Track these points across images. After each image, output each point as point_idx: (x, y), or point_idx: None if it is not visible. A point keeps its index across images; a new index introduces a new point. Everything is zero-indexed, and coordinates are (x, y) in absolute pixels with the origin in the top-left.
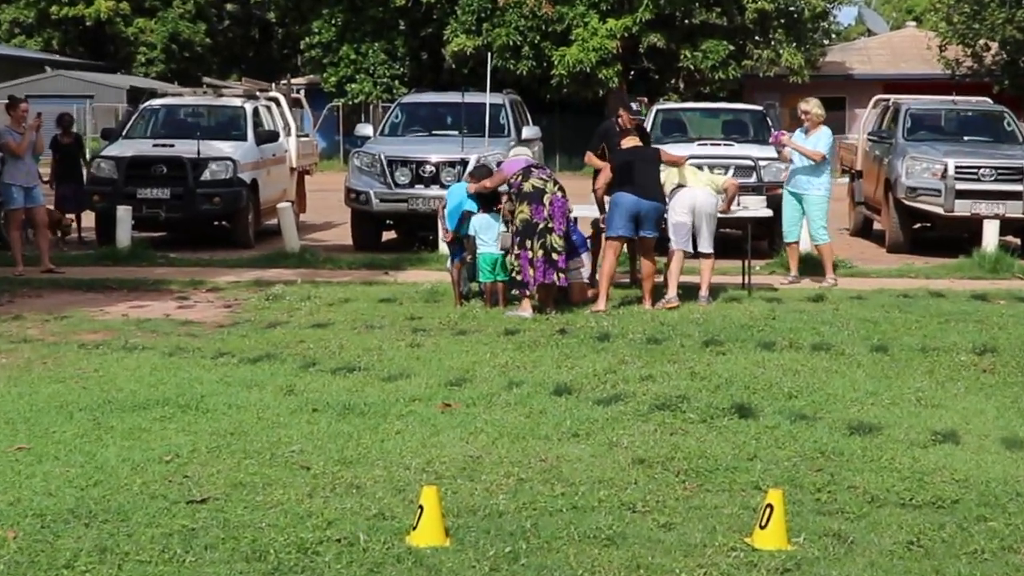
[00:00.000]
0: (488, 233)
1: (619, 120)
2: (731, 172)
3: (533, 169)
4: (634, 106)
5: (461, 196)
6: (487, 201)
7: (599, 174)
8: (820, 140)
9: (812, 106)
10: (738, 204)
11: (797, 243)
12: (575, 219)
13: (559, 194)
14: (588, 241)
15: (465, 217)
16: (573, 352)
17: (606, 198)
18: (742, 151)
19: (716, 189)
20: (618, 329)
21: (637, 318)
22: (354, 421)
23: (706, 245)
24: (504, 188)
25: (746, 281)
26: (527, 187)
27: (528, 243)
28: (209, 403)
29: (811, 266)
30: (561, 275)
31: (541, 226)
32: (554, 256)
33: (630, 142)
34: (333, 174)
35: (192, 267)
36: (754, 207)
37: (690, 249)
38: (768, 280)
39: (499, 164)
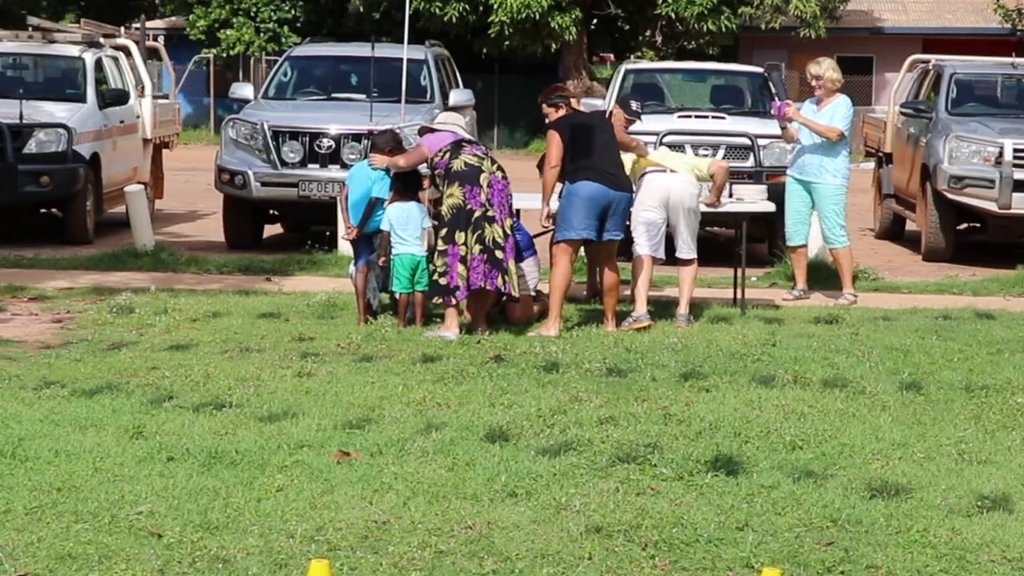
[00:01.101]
0: (407, 228)
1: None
2: (720, 153)
3: (464, 145)
4: (633, 104)
5: (369, 179)
6: (405, 185)
7: (549, 151)
8: (836, 112)
9: (825, 68)
10: (730, 195)
11: (805, 247)
12: (517, 211)
13: (499, 175)
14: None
15: (374, 206)
16: (512, 386)
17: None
18: (736, 126)
19: (700, 176)
20: (571, 356)
21: (596, 342)
22: (222, 474)
23: (686, 249)
24: (425, 170)
25: (738, 296)
26: (457, 165)
27: (459, 235)
28: (29, 449)
29: (824, 277)
30: (506, 280)
31: (478, 214)
32: (497, 254)
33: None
34: (200, 148)
35: (9, 268)
36: (751, 199)
37: (662, 255)
38: (767, 295)
39: (421, 134)
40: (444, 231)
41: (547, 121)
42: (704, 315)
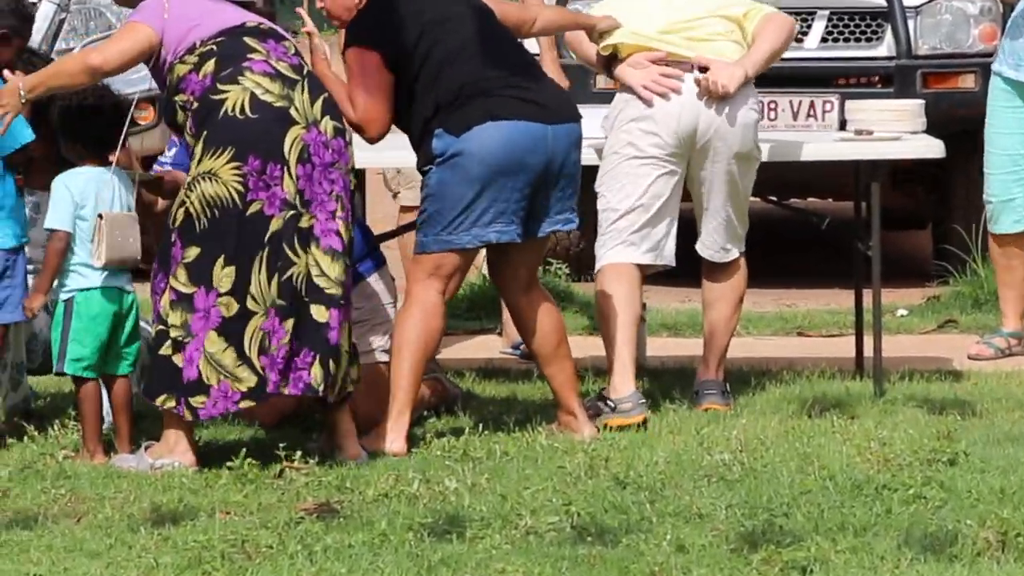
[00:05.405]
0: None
1: None
2: (819, 28)
3: (251, 42)
4: None
5: None
6: (77, 124)
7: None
8: None
9: None
10: (841, 124)
11: None
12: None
13: (327, 128)
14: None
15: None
16: (360, 572)
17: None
18: None
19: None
20: (492, 500)
21: (547, 468)
22: None
23: (722, 243)
24: (135, 88)
25: (869, 353)
26: (233, 100)
27: (221, 271)
28: None
29: None
30: (331, 368)
31: (276, 225)
32: (316, 314)
33: None
34: None
35: None
36: (888, 132)
37: (668, 260)
38: (934, 346)
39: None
40: (189, 253)
41: (339, 33)
42: (787, 395)
